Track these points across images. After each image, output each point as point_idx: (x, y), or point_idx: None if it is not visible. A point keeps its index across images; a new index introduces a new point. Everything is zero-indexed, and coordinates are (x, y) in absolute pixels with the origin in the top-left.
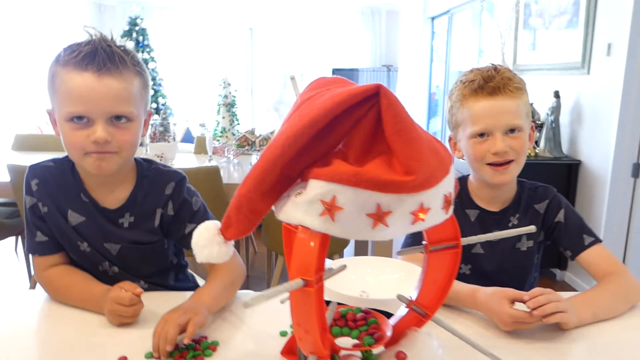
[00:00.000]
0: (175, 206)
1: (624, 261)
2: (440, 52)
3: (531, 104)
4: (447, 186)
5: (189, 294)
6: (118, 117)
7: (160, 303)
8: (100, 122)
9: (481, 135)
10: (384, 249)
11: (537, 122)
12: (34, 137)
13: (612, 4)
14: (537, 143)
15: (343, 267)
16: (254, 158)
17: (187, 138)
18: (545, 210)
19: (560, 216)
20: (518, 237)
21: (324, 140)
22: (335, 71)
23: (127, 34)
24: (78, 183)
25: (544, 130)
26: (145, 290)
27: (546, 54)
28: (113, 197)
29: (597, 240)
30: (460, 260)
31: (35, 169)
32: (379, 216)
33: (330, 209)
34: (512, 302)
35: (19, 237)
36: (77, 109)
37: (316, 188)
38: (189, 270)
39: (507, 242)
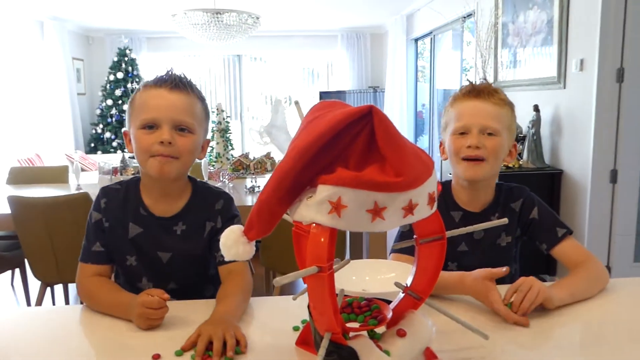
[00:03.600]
0: (224, 220)
1: (607, 263)
2: (425, 72)
3: None
4: (431, 186)
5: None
6: (182, 129)
7: (188, 310)
8: (167, 128)
9: (462, 133)
10: (377, 253)
11: (520, 135)
12: (29, 170)
13: (582, 22)
14: (520, 155)
15: (348, 261)
16: (249, 182)
17: None
18: (520, 208)
19: (534, 213)
20: (498, 234)
21: (328, 152)
22: (322, 94)
23: (117, 65)
24: (139, 199)
25: (526, 143)
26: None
27: (525, 71)
28: (170, 207)
29: (569, 232)
30: (446, 254)
31: (105, 190)
32: (376, 211)
33: (337, 207)
34: (494, 280)
35: (16, 271)
36: (150, 115)
37: (324, 191)
38: None
39: (488, 239)
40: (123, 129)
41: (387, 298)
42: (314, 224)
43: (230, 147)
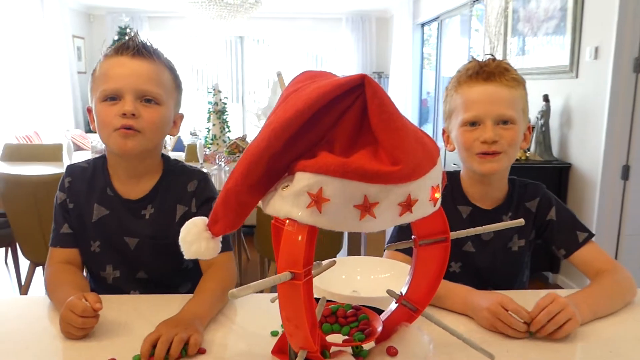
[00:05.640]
0: (198, 203)
1: None
2: (431, 58)
3: None
4: (435, 178)
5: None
6: (147, 100)
7: (158, 305)
8: (130, 98)
9: (472, 124)
10: (376, 251)
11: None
12: (24, 148)
13: (598, 9)
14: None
15: (332, 263)
16: None
17: (179, 147)
18: (537, 208)
19: (552, 214)
20: (509, 237)
21: (310, 132)
22: None
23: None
24: (106, 178)
25: (534, 134)
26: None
27: (535, 59)
28: (138, 188)
29: (590, 236)
30: (450, 256)
31: (70, 169)
32: (366, 207)
33: (317, 200)
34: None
35: (9, 249)
36: (110, 85)
37: (303, 180)
38: None
39: (499, 241)
40: (87, 106)
41: (378, 307)
42: (289, 220)
43: (227, 129)
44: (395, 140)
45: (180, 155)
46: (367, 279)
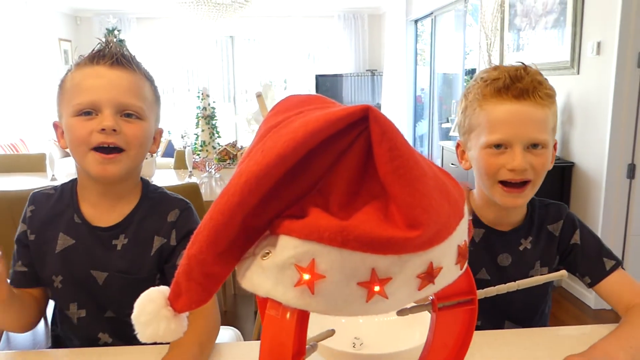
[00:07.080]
0: (179, 236)
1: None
2: (424, 54)
3: None
4: (462, 234)
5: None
6: (128, 114)
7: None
8: (109, 112)
9: (498, 146)
10: None
11: None
12: (5, 158)
13: (600, 1)
14: None
15: (330, 333)
16: None
17: (169, 152)
18: (561, 231)
19: (576, 237)
20: (531, 264)
21: (296, 182)
22: (318, 77)
23: None
24: (74, 202)
25: None
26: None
27: (534, 54)
28: (110, 214)
29: (619, 263)
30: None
31: (34, 196)
32: (375, 285)
33: (309, 276)
34: None
35: None
36: (85, 98)
37: (288, 248)
38: None
39: (519, 269)
40: (53, 121)
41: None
42: (271, 301)
43: (216, 135)
44: (413, 197)
45: (169, 162)
46: (371, 321)
